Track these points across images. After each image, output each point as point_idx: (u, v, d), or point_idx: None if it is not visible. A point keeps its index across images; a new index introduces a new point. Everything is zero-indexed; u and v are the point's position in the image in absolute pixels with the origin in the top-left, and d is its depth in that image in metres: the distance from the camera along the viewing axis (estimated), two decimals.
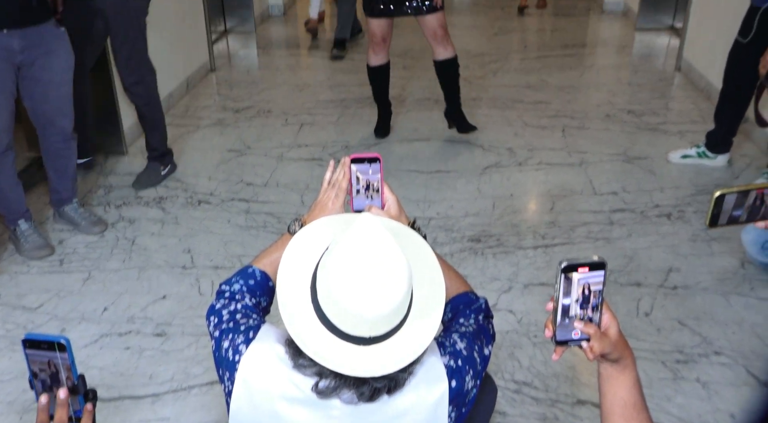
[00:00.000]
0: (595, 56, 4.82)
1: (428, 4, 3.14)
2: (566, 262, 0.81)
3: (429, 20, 3.20)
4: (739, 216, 0.98)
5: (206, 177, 3.20)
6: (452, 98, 3.45)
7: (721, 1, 3.78)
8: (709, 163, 3.11)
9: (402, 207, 1.24)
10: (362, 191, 1.21)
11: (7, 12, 2.23)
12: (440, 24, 3.22)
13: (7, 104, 2.33)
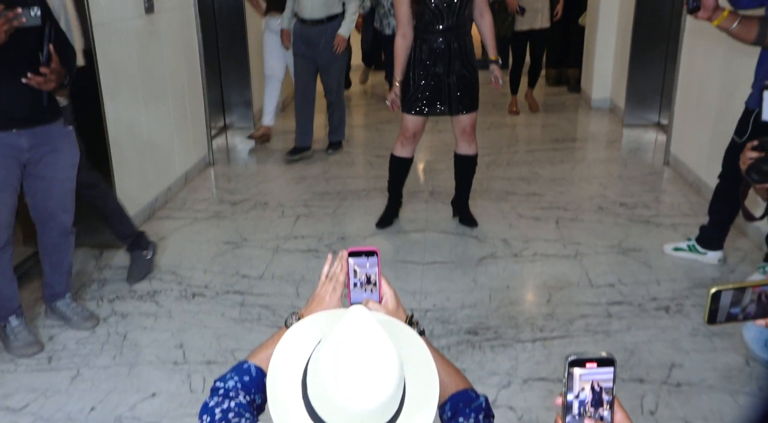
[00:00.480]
0: (585, 150, 4.95)
1: (470, 106, 3.34)
2: (574, 357, 0.80)
3: (462, 119, 3.39)
4: (738, 313, 0.97)
5: (201, 270, 3.19)
6: (463, 191, 3.61)
7: (703, 99, 3.94)
8: (700, 259, 3.10)
9: (400, 301, 1.24)
10: (360, 285, 1.21)
11: (19, 113, 2.28)
12: (471, 123, 3.42)
13: (10, 201, 2.35)
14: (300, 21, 4.53)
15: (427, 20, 3.21)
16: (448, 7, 3.17)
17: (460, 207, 3.64)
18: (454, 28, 3.21)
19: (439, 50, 3.23)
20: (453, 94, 3.30)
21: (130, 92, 3.57)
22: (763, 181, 1.79)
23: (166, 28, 4.01)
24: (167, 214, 3.88)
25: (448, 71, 3.26)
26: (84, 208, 2.66)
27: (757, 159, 1.79)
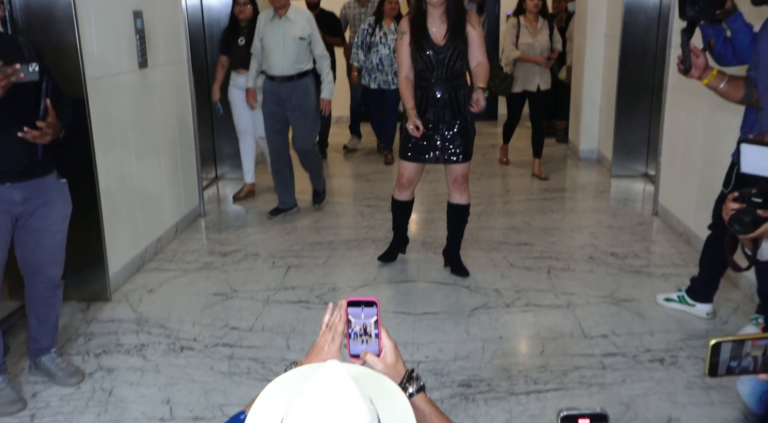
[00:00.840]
0: (575, 200, 5.00)
1: (462, 156, 3.39)
2: (566, 412, 0.79)
3: (454, 168, 3.45)
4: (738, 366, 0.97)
5: (190, 322, 3.15)
6: (454, 240, 3.64)
7: (689, 151, 4.01)
8: (689, 310, 3.08)
9: (400, 354, 1.22)
10: (358, 335, 1.20)
11: (14, 166, 2.28)
12: (463, 173, 3.47)
13: (1, 256, 2.32)
14: (269, 78, 4.41)
15: (420, 69, 3.32)
16: (439, 59, 3.27)
17: (452, 256, 3.65)
18: (446, 79, 3.30)
19: (430, 99, 3.33)
20: (444, 144, 3.37)
21: (122, 144, 3.60)
22: (744, 231, 1.81)
23: (159, 82, 4.08)
24: (157, 265, 3.85)
25: (439, 120, 3.34)
26: (72, 260, 2.63)
27: (738, 210, 1.81)
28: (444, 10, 3.24)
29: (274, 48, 4.28)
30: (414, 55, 3.30)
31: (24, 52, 2.29)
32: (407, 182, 3.55)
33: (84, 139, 3.12)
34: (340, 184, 5.70)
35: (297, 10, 4.33)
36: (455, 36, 3.24)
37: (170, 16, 4.25)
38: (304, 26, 4.29)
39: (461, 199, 3.53)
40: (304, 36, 4.29)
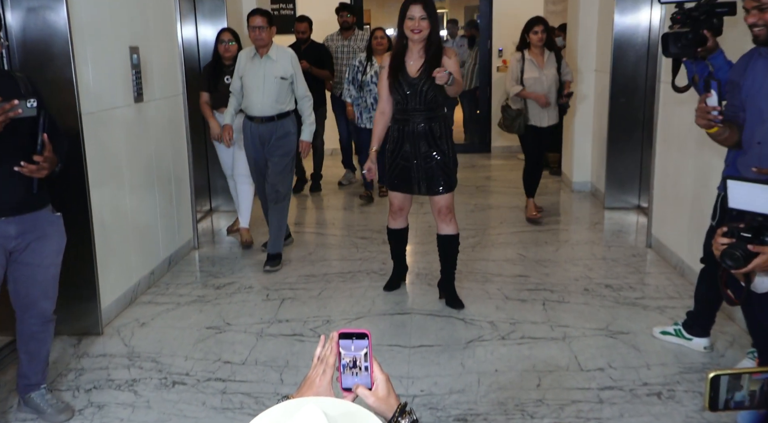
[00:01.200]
0: (569, 232, 5.01)
1: (441, 187, 3.45)
2: None
3: (436, 200, 3.50)
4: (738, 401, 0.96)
5: (183, 356, 3.11)
6: (448, 272, 3.65)
7: (680, 184, 4.04)
8: (686, 344, 3.07)
9: (392, 387, 1.21)
10: (350, 368, 1.19)
11: (9, 201, 2.28)
12: (446, 204, 3.51)
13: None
14: (249, 118, 4.23)
15: (397, 101, 3.43)
16: (413, 91, 3.35)
17: (446, 288, 3.65)
18: (421, 111, 3.38)
19: (407, 131, 3.41)
20: (424, 175, 3.44)
21: (116, 177, 3.60)
22: (737, 266, 1.82)
23: (155, 116, 4.10)
24: (149, 299, 3.82)
25: (416, 152, 3.41)
26: (64, 294, 2.61)
27: (729, 245, 1.82)
28: (423, 46, 3.34)
29: (254, 87, 4.12)
30: (391, 88, 3.41)
31: (21, 88, 2.31)
32: (398, 210, 3.62)
33: (78, 172, 3.13)
34: (334, 216, 5.71)
35: (280, 49, 4.16)
36: (428, 67, 3.30)
37: (166, 51, 4.31)
38: (286, 66, 4.12)
39: (449, 230, 3.56)
40: (285, 76, 4.11)
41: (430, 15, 3.28)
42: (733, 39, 2.82)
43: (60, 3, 2.98)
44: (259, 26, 4.01)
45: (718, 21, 2.58)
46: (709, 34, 2.58)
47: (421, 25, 3.27)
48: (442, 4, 13.64)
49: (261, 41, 4.04)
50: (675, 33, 2.62)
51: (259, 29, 4.01)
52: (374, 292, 3.82)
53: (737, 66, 2.48)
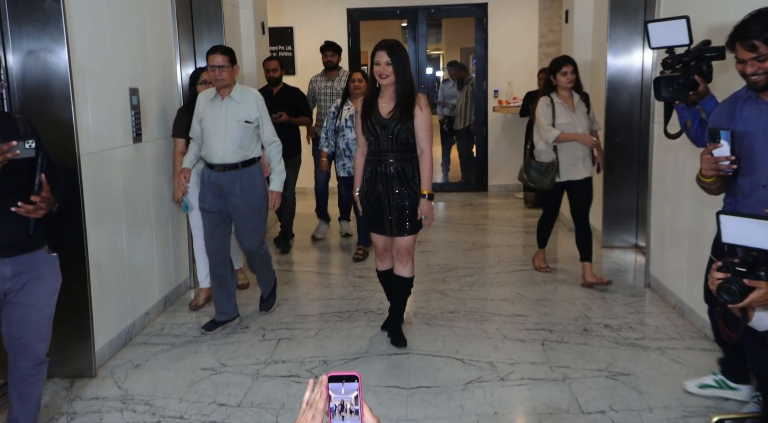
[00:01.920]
0: (566, 271, 4.99)
1: (407, 229, 3.46)
2: None
3: (398, 241, 3.52)
4: None
5: (177, 399, 3.05)
6: (396, 311, 3.70)
7: (677, 222, 4.05)
8: (733, 395, 2.85)
9: None
10: (339, 412, 1.16)
11: (5, 241, 2.26)
12: (405, 246, 3.52)
13: None
14: (208, 166, 3.78)
15: (370, 141, 3.46)
16: (384, 131, 3.39)
17: (391, 326, 3.68)
18: (394, 152, 3.40)
19: (379, 172, 3.44)
20: (391, 216, 3.45)
21: (113, 217, 3.60)
22: (734, 301, 1.81)
23: (153, 155, 4.13)
24: (144, 340, 3.77)
25: (388, 193, 3.42)
26: (57, 335, 2.57)
27: (725, 280, 1.82)
28: (393, 89, 3.38)
29: (213, 132, 3.70)
30: (364, 129, 3.45)
31: (20, 129, 2.32)
32: (382, 251, 3.63)
33: (75, 212, 3.12)
34: (332, 255, 5.69)
35: (244, 90, 3.77)
36: (400, 111, 3.35)
37: (166, 91, 4.36)
38: (251, 108, 3.73)
39: (405, 272, 3.57)
40: (250, 119, 3.72)
41: (395, 61, 3.30)
42: (724, 83, 2.86)
43: (61, 45, 3.03)
44: (219, 65, 3.63)
45: (707, 67, 2.63)
46: (701, 80, 2.62)
47: (386, 70, 3.31)
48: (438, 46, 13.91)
49: (221, 82, 3.65)
50: (666, 77, 2.67)
51: (219, 69, 3.63)
52: (372, 332, 3.78)
53: (720, 113, 2.48)
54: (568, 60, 4.46)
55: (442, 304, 4.27)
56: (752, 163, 2.33)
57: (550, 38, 7.98)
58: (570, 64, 4.42)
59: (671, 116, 2.90)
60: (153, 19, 4.12)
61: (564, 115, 4.41)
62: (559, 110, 4.41)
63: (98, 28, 3.45)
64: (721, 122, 2.44)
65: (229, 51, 3.74)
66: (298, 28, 8.29)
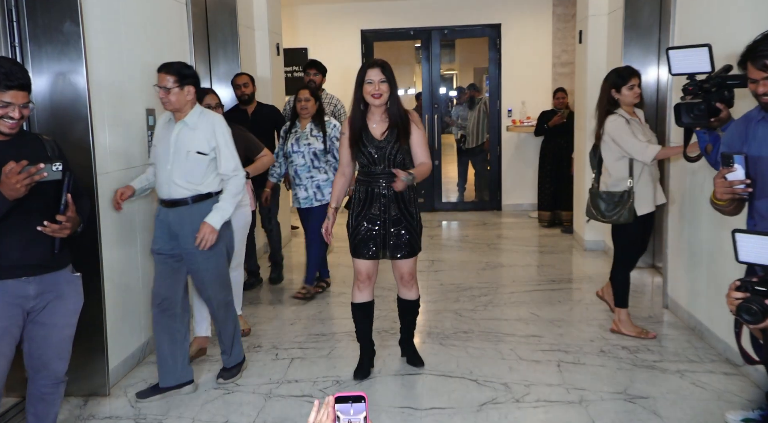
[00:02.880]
0: (582, 291, 4.94)
1: (407, 252, 3.33)
2: None
3: (399, 264, 3.40)
4: None
5: (189, 418, 3.04)
6: (408, 333, 3.62)
7: (695, 242, 3.99)
8: None
9: None
10: None
11: (31, 260, 2.28)
12: (408, 269, 3.41)
13: (7, 350, 2.28)
14: (159, 201, 3.26)
15: (363, 164, 3.32)
16: (380, 154, 3.25)
17: (406, 347, 3.63)
18: (390, 175, 3.22)
19: (375, 194, 3.28)
20: (388, 239, 3.30)
21: (128, 237, 3.62)
22: (755, 321, 1.78)
23: None
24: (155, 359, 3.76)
25: (385, 215, 3.28)
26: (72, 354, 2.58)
27: (745, 299, 1.79)
28: (384, 109, 3.25)
29: (160, 162, 3.19)
30: (355, 152, 3.30)
31: (48, 150, 2.37)
32: (366, 279, 3.39)
33: (91, 231, 3.13)
34: (345, 273, 5.67)
35: (204, 114, 3.21)
36: (396, 132, 3.24)
37: None
38: (206, 137, 3.16)
39: (411, 295, 3.49)
40: (203, 150, 3.15)
41: (388, 78, 3.20)
42: (745, 108, 2.84)
43: (80, 67, 3.07)
44: (163, 86, 3.11)
45: (729, 93, 2.61)
46: (722, 106, 2.60)
47: (381, 88, 3.18)
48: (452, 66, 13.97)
49: (168, 105, 3.14)
50: (687, 103, 2.65)
51: (163, 90, 3.11)
52: (385, 352, 3.76)
53: (733, 134, 2.45)
54: (635, 72, 3.78)
55: (455, 323, 4.24)
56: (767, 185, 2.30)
57: (564, 58, 8.00)
58: (637, 77, 3.76)
59: (690, 140, 2.88)
60: (170, 40, 4.18)
61: (640, 133, 3.73)
62: (635, 128, 3.73)
63: (116, 49, 3.50)
64: (734, 143, 2.41)
65: (178, 70, 3.14)
66: (312, 49, 8.38)
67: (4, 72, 2.14)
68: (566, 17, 7.94)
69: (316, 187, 4.66)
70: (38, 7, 3.04)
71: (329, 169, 4.69)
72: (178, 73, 3.13)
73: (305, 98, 4.65)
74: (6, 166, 2.11)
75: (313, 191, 4.66)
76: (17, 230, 2.22)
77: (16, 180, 2.10)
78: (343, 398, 1.16)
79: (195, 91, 3.19)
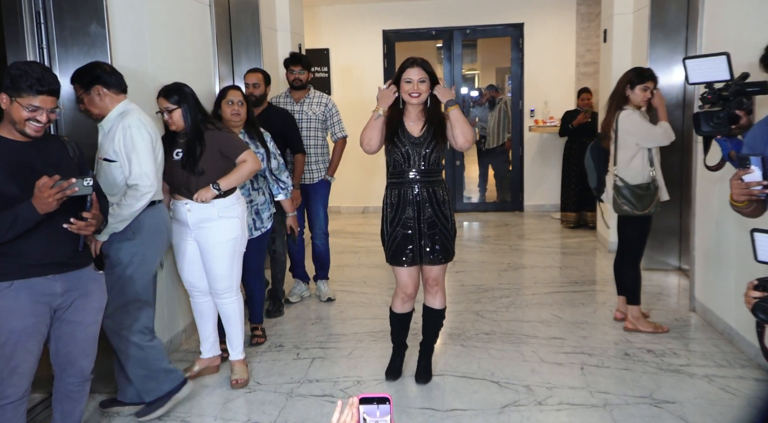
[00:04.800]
0: (606, 293, 4.87)
1: (441, 256, 3.24)
2: None
3: (432, 269, 3.27)
4: None
5: (212, 416, 3.06)
6: (427, 345, 3.45)
7: (723, 244, 3.92)
8: None
9: None
10: None
11: (57, 258, 2.31)
12: (438, 275, 3.29)
13: (36, 349, 2.31)
14: None
15: (397, 161, 3.22)
16: (416, 150, 3.17)
17: (421, 359, 3.44)
18: (423, 174, 3.18)
19: (408, 197, 3.19)
20: (423, 242, 3.20)
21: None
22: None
23: None
24: (181, 356, 3.81)
25: (420, 218, 3.19)
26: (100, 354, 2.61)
27: (761, 299, 1.77)
28: (422, 108, 3.19)
29: None
30: (390, 149, 3.20)
31: (69, 152, 2.41)
32: (412, 291, 3.29)
33: None
34: (366, 273, 5.67)
35: (123, 115, 2.83)
36: (433, 131, 3.18)
37: None
38: (114, 142, 2.80)
39: (436, 303, 3.34)
40: (111, 157, 2.82)
41: (428, 77, 3.14)
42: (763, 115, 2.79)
43: None
44: (78, 100, 2.93)
45: (748, 100, 2.57)
46: (743, 113, 2.56)
47: (420, 88, 3.12)
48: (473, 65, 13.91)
49: (92, 115, 2.93)
50: (707, 112, 2.62)
51: (80, 105, 2.93)
52: (406, 353, 3.73)
53: (756, 135, 2.41)
54: (654, 76, 3.82)
55: (477, 325, 4.21)
56: None
57: (588, 58, 7.92)
58: (654, 82, 3.80)
59: (709, 149, 2.83)
60: (193, 42, 4.21)
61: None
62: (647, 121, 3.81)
63: (141, 51, 3.54)
64: (756, 144, 2.37)
65: (77, 75, 2.85)
66: (334, 50, 8.40)
67: (37, 77, 2.19)
68: (590, 16, 7.86)
69: (255, 213, 3.79)
70: (65, 10, 3.08)
71: (267, 190, 3.88)
72: (78, 79, 2.86)
73: (238, 100, 3.66)
74: (39, 181, 2.15)
75: (252, 219, 3.76)
76: (43, 228, 2.25)
77: (48, 194, 2.14)
78: (367, 399, 1.16)
79: (109, 88, 2.83)
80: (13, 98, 2.20)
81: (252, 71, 4.46)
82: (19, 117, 2.21)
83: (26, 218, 2.16)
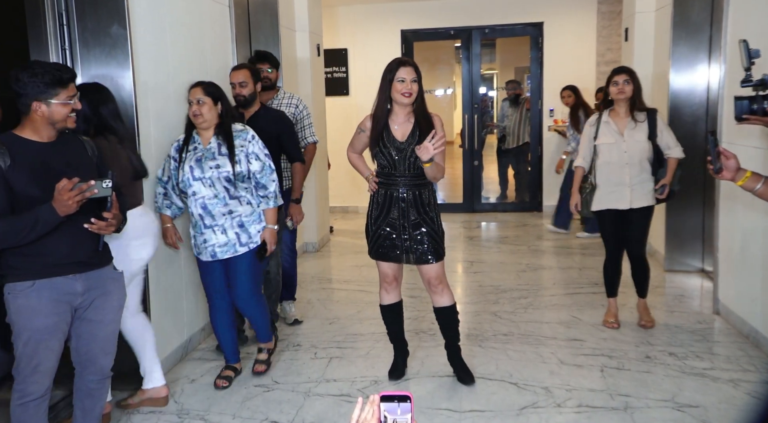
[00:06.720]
0: (626, 295, 4.81)
1: (430, 257, 3.22)
2: None
3: (428, 270, 3.25)
4: None
5: (230, 415, 3.07)
6: (452, 344, 3.42)
7: (748, 244, 3.85)
8: None
9: None
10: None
11: (77, 257, 2.34)
12: (436, 274, 3.25)
13: (57, 347, 2.34)
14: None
15: (383, 165, 3.22)
16: (401, 156, 3.16)
17: (454, 361, 3.41)
18: (409, 177, 3.18)
19: (394, 198, 3.20)
20: (412, 244, 3.21)
21: None
22: None
23: None
24: (200, 355, 3.83)
25: (404, 219, 3.20)
26: (120, 351, 2.63)
27: None
28: (411, 110, 3.17)
29: None
30: (375, 154, 3.21)
31: (87, 150, 2.43)
32: (392, 280, 3.35)
33: None
34: None
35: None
36: (418, 135, 3.14)
37: None
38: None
39: (443, 301, 3.31)
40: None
41: (419, 78, 3.13)
42: None
43: (127, 69, 3.15)
44: None
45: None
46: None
47: (413, 87, 3.09)
48: (492, 65, 13.85)
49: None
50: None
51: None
52: (423, 352, 3.73)
53: None
54: (621, 69, 3.88)
55: (495, 326, 4.18)
56: None
57: (609, 57, 7.84)
58: (623, 73, 3.83)
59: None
60: (213, 42, 4.24)
61: (606, 135, 3.89)
62: (603, 129, 3.91)
63: (161, 51, 3.56)
64: None
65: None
66: (352, 50, 8.41)
67: (57, 68, 2.24)
68: (611, 15, 7.78)
69: (239, 226, 3.26)
70: (87, 11, 3.11)
71: (252, 198, 3.31)
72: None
73: (197, 99, 3.17)
74: (59, 184, 2.17)
75: (235, 233, 3.25)
76: (64, 228, 2.27)
77: (68, 197, 2.16)
78: (388, 397, 1.15)
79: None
80: (49, 101, 2.21)
81: (237, 69, 3.85)
82: (61, 115, 2.24)
83: (47, 220, 2.18)
